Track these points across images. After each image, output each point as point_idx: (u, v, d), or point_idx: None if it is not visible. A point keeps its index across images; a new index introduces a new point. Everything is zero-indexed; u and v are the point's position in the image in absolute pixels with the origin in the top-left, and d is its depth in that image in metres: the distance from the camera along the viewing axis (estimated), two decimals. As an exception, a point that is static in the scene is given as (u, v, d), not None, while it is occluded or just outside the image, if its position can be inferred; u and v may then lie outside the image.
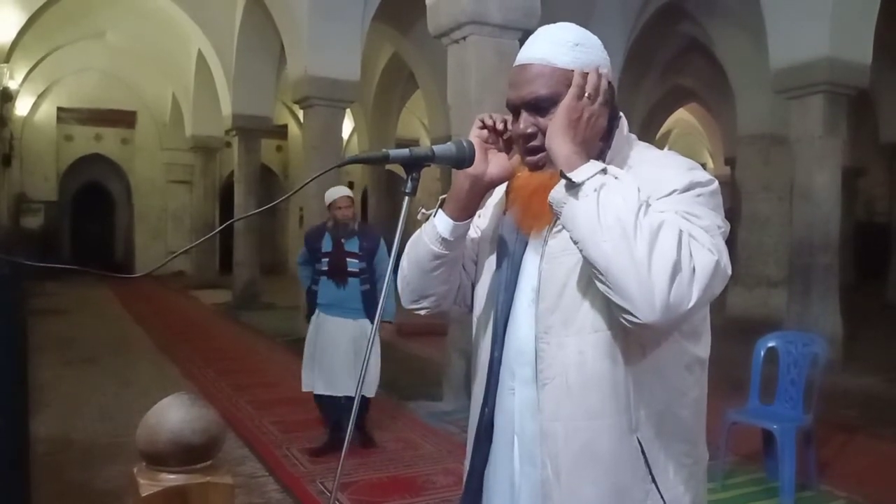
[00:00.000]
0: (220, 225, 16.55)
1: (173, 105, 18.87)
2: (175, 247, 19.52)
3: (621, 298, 1.12)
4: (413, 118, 21.11)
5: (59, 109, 19.03)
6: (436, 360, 6.47)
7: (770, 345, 4.34)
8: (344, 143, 17.97)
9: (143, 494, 0.66)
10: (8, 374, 1.72)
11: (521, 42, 4.77)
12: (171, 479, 0.67)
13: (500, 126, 1.36)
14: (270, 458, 4.65)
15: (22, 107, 17.79)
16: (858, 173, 17.02)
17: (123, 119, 19.86)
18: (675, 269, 1.09)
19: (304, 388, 4.80)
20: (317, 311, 4.75)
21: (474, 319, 1.49)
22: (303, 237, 5.14)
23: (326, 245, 4.70)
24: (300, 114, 11.18)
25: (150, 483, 0.67)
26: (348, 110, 12.17)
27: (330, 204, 4.65)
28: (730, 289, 11.77)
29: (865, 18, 7.38)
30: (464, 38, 5.68)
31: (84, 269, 1.57)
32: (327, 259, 4.66)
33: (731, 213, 15.52)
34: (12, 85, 14.72)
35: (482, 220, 1.52)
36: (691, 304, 1.10)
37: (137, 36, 15.87)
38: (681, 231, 1.12)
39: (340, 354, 4.62)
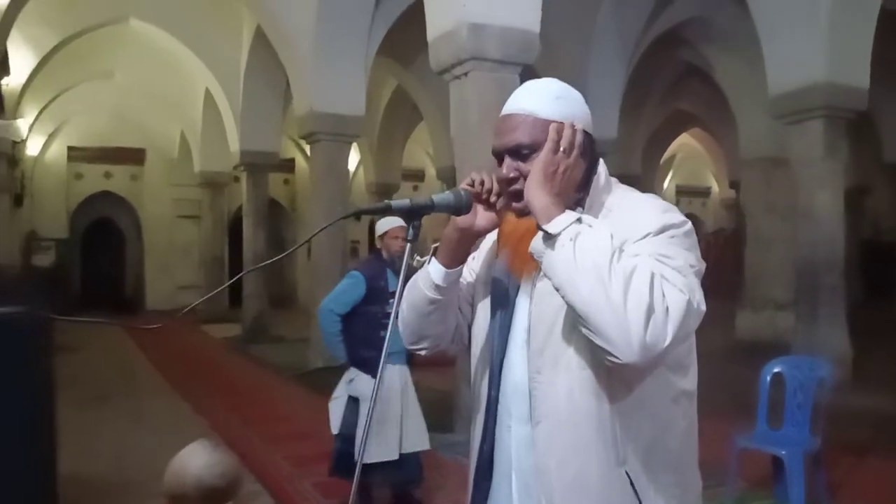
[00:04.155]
0: (229, 260, 16.61)
1: (181, 142, 19.13)
2: (184, 281, 19.63)
3: (602, 340, 1.19)
4: (418, 149, 21.30)
5: (70, 148, 19.32)
6: (446, 389, 6.50)
7: (776, 370, 4.37)
8: (350, 175, 18.18)
9: (171, 537, 0.72)
10: (37, 419, 1.79)
11: (521, 76, 4.86)
12: (195, 521, 0.74)
13: (487, 186, 1.42)
14: (282, 494, 4.69)
15: (33, 146, 18.08)
16: (863, 192, 17.07)
17: (132, 156, 20.13)
18: (650, 311, 1.16)
19: (372, 461, 3.89)
20: (381, 365, 4.10)
21: (472, 359, 1.56)
22: (311, 271, 4.81)
23: (392, 283, 3.99)
24: (307, 147, 11.34)
25: (177, 525, 0.73)
26: (354, 143, 12.33)
27: (384, 234, 4.04)
28: (737, 312, 11.79)
29: (862, 42, 7.49)
30: (465, 73, 5.80)
31: (111, 323, 1.64)
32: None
33: (737, 235, 15.57)
34: (23, 126, 14.99)
35: (476, 263, 1.60)
36: (667, 342, 1.17)
37: (145, 75, 16.16)
38: (653, 273, 1.19)
39: (406, 404, 4.07)
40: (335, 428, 4.05)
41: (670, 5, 10.94)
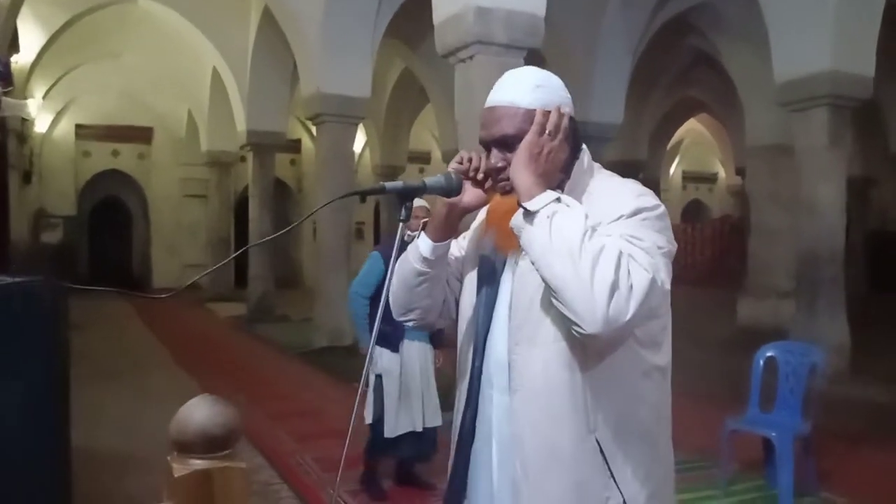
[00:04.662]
0: (235, 240, 16.72)
1: (189, 121, 19.21)
2: (190, 260, 19.79)
3: (570, 312, 1.27)
4: (424, 131, 21.34)
5: (78, 126, 19.45)
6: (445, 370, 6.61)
7: (769, 354, 4.44)
8: (356, 156, 18.24)
9: (176, 476, 0.81)
10: (50, 386, 1.88)
11: (526, 60, 4.87)
12: (197, 463, 0.83)
13: (475, 165, 1.50)
14: (284, 467, 4.80)
15: (41, 124, 18.19)
16: (870, 183, 17.04)
17: (140, 135, 20.25)
18: (614, 287, 1.24)
19: (392, 434, 4.10)
20: (403, 341, 4.12)
21: (458, 332, 1.63)
22: (318, 251, 4.86)
23: None
24: (314, 128, 11.42)
25: (181, 467, 0.82)
26: (361, 125, 12.39)
27: None
28: (739, 299, 11.84)
29: (868, 31, 7.47)
30: (470, 57, 5.83)
31: (120, 290, 1.72)
32: None
33: (742, 222, 15.59)
34: (31, 105, 15.06)
35: (465, 240, 1.68)
36: (628, 316, 1.25)
37: (153, 54, 16.22)
38: (620, 252, 1.28)
39: (426, 381, 4.20)
40: (368, 418, 4.14)
41: (679, -9, 10.92)
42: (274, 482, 4.54)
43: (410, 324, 1.68)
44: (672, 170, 26.68)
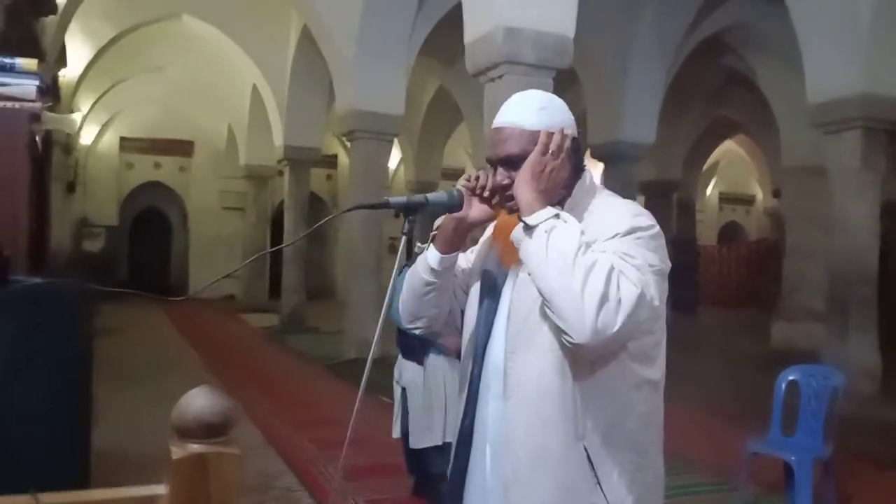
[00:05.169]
0: (271, 253, 16.92)
1: (228, 135, 19.63)
2: (227, 271, 20.13)
3: (561, 322, 1.35)
4: (458, 148, 21.48)
5: (122, 139, 20.01)
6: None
7: (791, 378, 4.42)
8: (391, 173, 18.45)
9: (174, 458, 0.90)
10: (69, 390, 1.99)
11: (555, 81, 4.93)
12: (194, 448, 0.92)
13: (482, 182, 1.58)
14: (306, 474, 4.90)
15: (87, 136, 18.78)
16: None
17: (181, 148, 20.74)
18: (603, 300, 1.32)
19: (416, 446, 4.09)
20: (428, 355, 4.12)
21: (463, 342, 1.72)
22: (348, 264, 4.70)
23: None
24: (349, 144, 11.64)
25: (179, 450, 0.91)
26: (396, 141, 12.58)
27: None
28: (773, 321, 11.71)
29: (903, 54, 7.41)
30: (499, 76, 5.92)
31: (130, 291, 1.83)
32: None
33: (779, 245, 15.38)
34: (77, 118, 15.58)
35: (473, 255, 1.77)
36: (616, 328, 1.32)
37: (196, 70, 16.66)
38: (612, 268, 1.35)
39: (451, 396, 4.07)
40: (395, 432, 4.18)
41: (714, 11, 10.91)
42: (295, 488, 4.64)
43: (418, 331, 1.76)
44: (708, 191, 26.42)
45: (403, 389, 4.20)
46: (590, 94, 11.02)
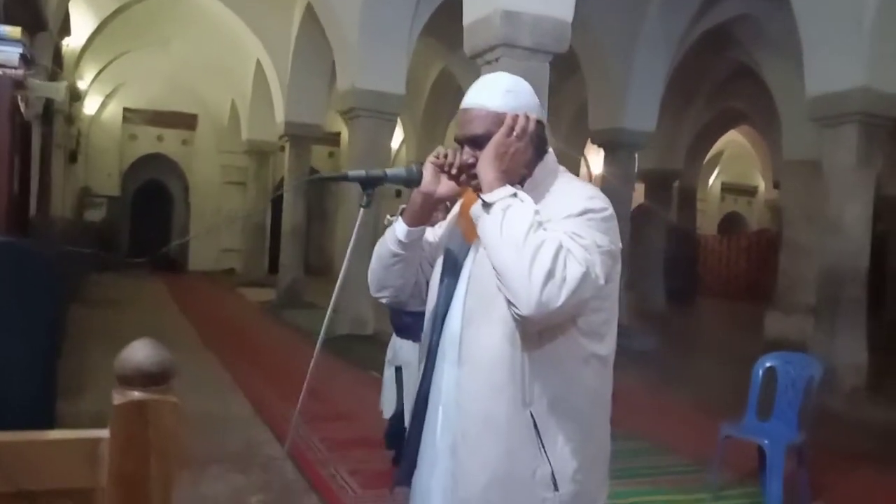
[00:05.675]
0: (271, 227, 17.00)
1: (231, 110, 19.64)
2: (228, 245, 20.25)
3: (509, 294, 1.43)
4: (462, 130, 21.46)
5: (125, 110, 20.04)
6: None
7: (769, 364, 4.48)
8: (393, 152, 18.45)
9: (115, 404, 0.97)
10: (42, 346, 2.05)
11: (552, 65, 4.95)
12: (134, 395, 0.98)
13: (449, 160, 1.64)
14: (292, 445, 4.99)
15: (90, 106, 18.79)
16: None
17: (184, 121, 20.78)
18: (549, 276, 1.38)
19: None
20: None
21: (426, 311, 1.78)
22: (343, 240, 4.74)
23: None
24: (351, 122, 11.66)
25: (121, 397, 0.98)
26: (399, 121, 12.57)
27: None
28: (767, 313, 11.77)
29: (904, 49, 7.40)
30: (496, 59, 5.93)
31: (110, 257, 1.89)
32: None
33: (778, 238, 15.41)
34: (81, 85, 15.59)
35: (440, 230, 1.83)
36: (559, 303, 1.39)
37: (201, 44, 16.65)
38: (560, 246, 1.41)
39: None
40: (387, 412, 4.06)
41: (719, 2, 10.88)
42: (278, 457, 4.74)
43: (385, 300, 1.84)
44: (711, 181, 26.38)
45: (398, 369, 4.08)
46: (592, 81, 11.01)
